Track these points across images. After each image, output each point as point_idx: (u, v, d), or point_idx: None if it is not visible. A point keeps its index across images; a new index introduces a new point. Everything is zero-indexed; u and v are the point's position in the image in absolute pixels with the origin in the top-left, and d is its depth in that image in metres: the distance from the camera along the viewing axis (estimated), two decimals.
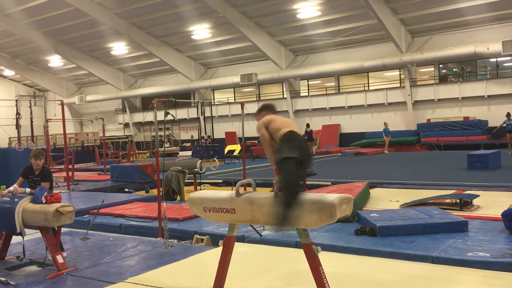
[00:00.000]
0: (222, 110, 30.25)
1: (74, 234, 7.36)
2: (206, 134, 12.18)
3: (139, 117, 35.13)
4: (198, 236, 6.79)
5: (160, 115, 7.80)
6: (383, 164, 16.72)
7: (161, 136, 28.19)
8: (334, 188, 8.79)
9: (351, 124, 26.79)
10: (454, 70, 25.42)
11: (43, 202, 5.31)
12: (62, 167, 16.52)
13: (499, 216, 6.24)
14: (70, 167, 14.85)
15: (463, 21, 22.17)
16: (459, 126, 22.73)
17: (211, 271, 4.23)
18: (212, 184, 13.78)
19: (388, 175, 12.91)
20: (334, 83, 28.06)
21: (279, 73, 27.29)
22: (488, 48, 21.24)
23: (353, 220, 6.91)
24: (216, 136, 20.58)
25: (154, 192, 11.58)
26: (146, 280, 4.90)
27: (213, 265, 4.23)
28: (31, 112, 14.72)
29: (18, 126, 14.38)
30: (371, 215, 6.69)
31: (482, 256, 5.02)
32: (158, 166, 7.35)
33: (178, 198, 11.01)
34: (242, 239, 6.37)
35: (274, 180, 3.80)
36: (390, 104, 25.41)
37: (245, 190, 4.12)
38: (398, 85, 25.65)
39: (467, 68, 24.90)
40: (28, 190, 5.70)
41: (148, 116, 30.32)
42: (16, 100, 16.18)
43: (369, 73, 26.47)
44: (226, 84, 30.03)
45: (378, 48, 24.71)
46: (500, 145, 19.80)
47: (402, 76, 25.25)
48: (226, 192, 4.11)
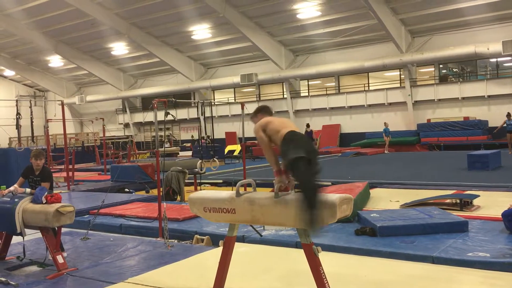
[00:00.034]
0: (222, 110, 30.25)
1: (74, 234, 7.36)
2: (206, 134, 12.18)
3: (139, 117, 35.14)
4: (198, 236, 6.79)
5: (160, 115, 7.81)
6: (383, 164, 16.72)
7: (161, 136, 28.19)
8: (334, 188, 8.78)
9: (351, 124, 26.79)
10: (454, 70, 25.42)
11: (43, 202, 5.31)
12: (62, 167, 16.53)
13: (499, 216, 6.24)
14: (70, 167, 14.85)
15: (463, 21, 22.17)
16: (459, 126, 22.73)
17: (211, 271, 4.23)
18: (212, 184, 13.78)
19: (388, 175, 12.91)
20: (334, 83, 28.06)
21: (279, 73, 27.29)
22: (488, 48, 21.23)
23: (353, 220, 6.91)
24: (216, 136, 20.55)
25: (154, 192, 11.59)
26: (146, 280, 4.90)
27: (213, 265, 4.23)
28: (31, 112, 14.72)
29: (18, 126, 14.37)
30: (371, 215, 6.70)
31: (482, 256, 5.02)
32: (158, 166, 7.35)
33: (178, 198, 11.01)
34: (242, 239, 6.37)
35: (274, 181, 3.79)
36: (390, 104, 25.41)
37: (245, 190, 4.12)
38: (398, 85, 25.65)
39: (467, 68, 24.90)
40: (28, 190, 5.71)
41: (148, 116, 30.32)
42: (16, 100, 16.18)
43: (369, 73, 26.47)
44: (226, 84, 30.03)
45: (378, 48, 24.71)
46: (500, 145, 19.79)
47: (402, 76, 25.25)
48: (226, 192, 4.11)
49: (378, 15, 20.90)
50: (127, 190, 12.69)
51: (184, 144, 30.41)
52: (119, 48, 30.01)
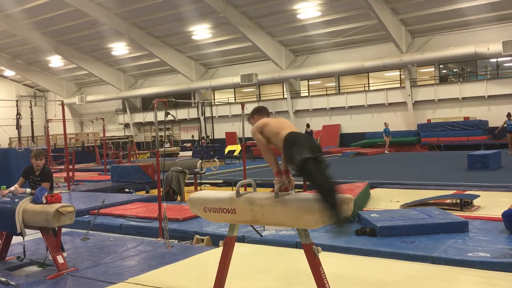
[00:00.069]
0: (223, 111, 30.25)
1: (74, 234, 7.36)
2: (206, 134, 12.19)
3: (140, 117, 35.13)
4: (199, 237, 6.79)
5: (161, 116, 7.81)
6: (384, 164, 16.72)
7: (161, 136, 28.19)
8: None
9: (351, 124, 26.78)
10: (455, 70, 25.40)
11: (44, 203, 5.32)
12: (63, 167, 16.53)
13: (499, 217, 6.24)
14: (71, 167, 14.85)
15: (463, 21, 22.17)
16: (459, 126, 22.72)
17: (211, 271, 4.23)
18: (212, 184, 13.78)
19: (388, 175, 12.90)
20: (334, 83, 28.06)
21: (279, 73, 27.29)
22: (488, 48, 21.23)
23: (353, 220, 6.91)
24: (217, 137, 20.54)
25: (155, 192, 11.60)
26: (146, 281, 4.90)
27: (213, 265, 4.23)
28: (32, 112, 14.74)
29: (18, 127, 14.39)
30: (372, 215, 6.69)
31: (482, 257, 5.02)
32: (159, 166, 7.35)
33: (179, 199, 11.01)
34: (243, 239, 6.37)
35: (274, 181, 3.79)
36: (391, 104, 25.40)
37: (245, 190, 4.12)
38: (399, 85, 25.64)
39: (467, 68, 24.89)
40: (28, 190, 5.71)
41: (149, 117, 30.30)
42: (17, 101, 16.20)
43: (369, 73, 26.47)
44: (226, 85, 30.02)
45: (379, 49, 24.71)
46: (500, 145, 19.79)
47: (403, 76, 25.25)
48: (226, 193, 4.11)
49: (378, 15, 20.90)
50: (127, 190, 12.69)
51: (184, 144, 30.40)
52: (119, 48, 30.01)
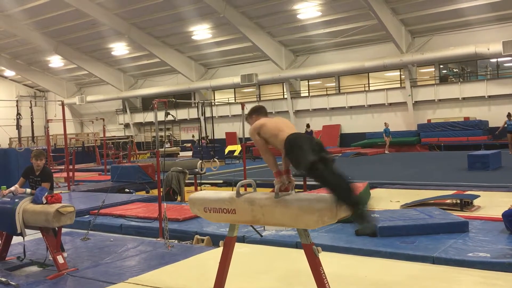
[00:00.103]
0: (223, 111, 30.25)
1: (74, 234, 7.37)
2: (206, 134, 12.20)
3: (140, 117, 35.13)
4: (199, 237, 6.79)
5: (161, 116, 7.81)
6: (384, 164, 16.72)
7: (161, 136, 28.20)
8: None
9: (351, 124, 26.78)
10: (455, 70, 25.39)
11: (44, 203, 5.32)
12: (63, 167, 16.54)
13: (499, 217, 6.24)
14: (71, 167, 14.85)
15: (463, 21, 22.16)
16: (459, 126, 22.72)
17: (211, 271, 4.23)
18: (212, 184, 13.78)
19: (388, 175, 12.90)
20: (334, 84, 28.05)
21: (279, 73, 27.28)
22: (488, 49, 21.22)
23: (353, 220, 6.89)
24: (217, 137, 20.55)
25: (155, 192, 11.60)
26: (146, 281, 4.90)
27: (213, 265, 4.22)
28: (32, 112, 14.78)
29: (18, 127, 14.41)
30: (372, 215, 6.68)
31: (482, 257, 5.02)
32: (159, 166, 7.35)
33: (179, 199, 11.01)
34: (243, 239, 6.38)
35: (274, 181, 3.79)
36: (391, 104, 25.40)
37: (245, 190, 4.12)
38: (399, 85, 25.63)
39: (467, 68, 24.88)
40: (28, 190, 5.71)
41: (149, 117, 30.29)
42: (17, 101, 16.23)
43: (369, 73, 26.45)
44: (226, 85, 30.01)
45: (379, 49, 24.70)
46: (500, 145, 19.79)
47: (403, 76, 25.24)
48: (226, 193, 4.11)
49: (378, 15, 20.90)
50: (127, 190, 12.70)
51: (184, 145, 30.40)
52: (120, 49, 30.01)
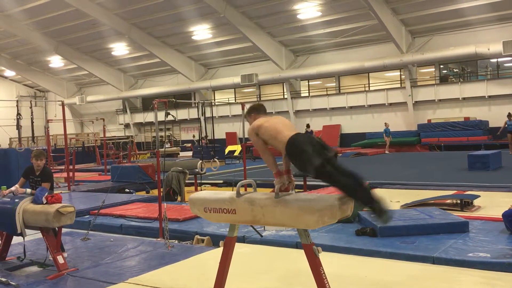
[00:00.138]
0: (223, 111, 30.24)
1: (74, 234, 7.37)
2: (205, 134, 12.21)
3: (140, 117, 35.13)
4: (199, 237, 6.79)
5: (161, 116, 7.82)
6: (384, 164, 16.72)
7: (161, 136, 28.20)
8: (335, 189, 8.77)
9: (351, 124, 26.78)
10: (455, 70, 25.39)
11: (44, 203, 5.32)
12: (63, 167, 16.54)
13: (500, 217, 6.24)
14: (71, 167, 14.86)
15: (463, 21, 22.16)
16: (459, 126, 22.72)
17: (211, 271, 4.22)
18: (212, 184, 13.78)
19: (388, 175, 12.90)
20: (334, 84, 28.05)
21: (279, 73, 27.28)
22: (488, 49, 21.22)
23: (353, 220, 6.90)
24: (217, 137, 20.57)
25: (155, 192, 11.60)
26: (146, 281, 4.90)
27: (213, 265, 4.22)
28: (32, 112, 14.78)
29: (18, 127, 14.42)
30: (372, 215, 6.68)
31: (483, 257, 5.02)
32: (159, 166, 7.36)
33: (179, 199, 11.01)
34: (243, 239, 6.37)
35: (274, 181, 3.79)
36: (391, 104, 25.39)
37: (245, 190, 4.11)
38: (399, 85, 25.63)
39: (467, 68, 24.88)
40: (29, 190, 5.71)
41: (149, 117, 30.29)
42: (17, 101, 16.24)
43: (369, 73, 26.45)
44: (226, 85, 30.01)
45: (379, 49, 24.70)
46: (500, 145, 19.79)
47: (403, 76, 25.24)
48: (226, 193, 4.11)
49: (378, 15, 20.90)
50: (127, 190, 12.70)
51: (185, 145, 30.41)
52: (120, 49, 30.01)
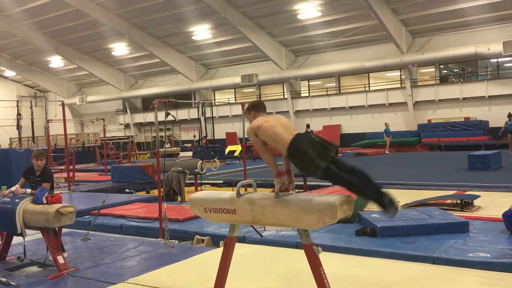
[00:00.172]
0: (223, 111, 30.24)
1: (75, 234, 7.37)
2: (205, 134, 12.22)
3: (140, 117, 35.13)
4: (199, 237, 6.79)
5: (161, 116, 7.82)
6: (384, 164, 16.72)
7: (161, 136, 28.21)
8: (335, 189, 8.77)
9: (351, 124, 26.77)
10: (455, 70, 25.39)
11: (44, 203, 5.32)
12: (63, 167, 16.55)
13: (500, 217, 6.24)
14: (71, 167, 14.86)
15: (463, 21, 22.16)
16: (460, 126, 22.72)
17: (211, 271, 4.23)
18: (212, 184, 13.79)
19: (389, 175, 12.89)
20: (334, 84, 28.05)
21: (279, 73, 27.28)
22: (489, 49, 21.21)
23: (354, 220, 6.91)
24: (217, 137, 20.56)
25: (155, 192, 11.60)
26: (146, 281, 4.90)
27: (214, 265, 4.23)
28: (32, 112, 14.78)
29: (19, 127, 14.43)
30: (372, 215, 6.69)
31: (483, 257, 5.02)
32: (159, 166, 7.36)
33: (179, 199, 11.01)
34: (243, 239, 6.38)
35: (275, 181, 3.78)
36: (391, 104, 25.39)
37: (245, 190, 4.12)
38: (399, 85, 25.63)
39: (468, 68, 24.87)
40: (29, 190, 5.71)
41: (149, 117, 30.29)
42: (17, 101, 16.24)
43: (369, 73, 26.45)
44: (226, 85, 30.01)
45: (379, 49, 24.70)
46: (501, 145, 19.78)
47: (403, 76, 25.24)
48: (226, 193, 4.11)
49: (378, 15, 20.89)
50: (127, 190, 12.70)
51: (185, 145, 30.42)
52: (120, 49, 30.01)
